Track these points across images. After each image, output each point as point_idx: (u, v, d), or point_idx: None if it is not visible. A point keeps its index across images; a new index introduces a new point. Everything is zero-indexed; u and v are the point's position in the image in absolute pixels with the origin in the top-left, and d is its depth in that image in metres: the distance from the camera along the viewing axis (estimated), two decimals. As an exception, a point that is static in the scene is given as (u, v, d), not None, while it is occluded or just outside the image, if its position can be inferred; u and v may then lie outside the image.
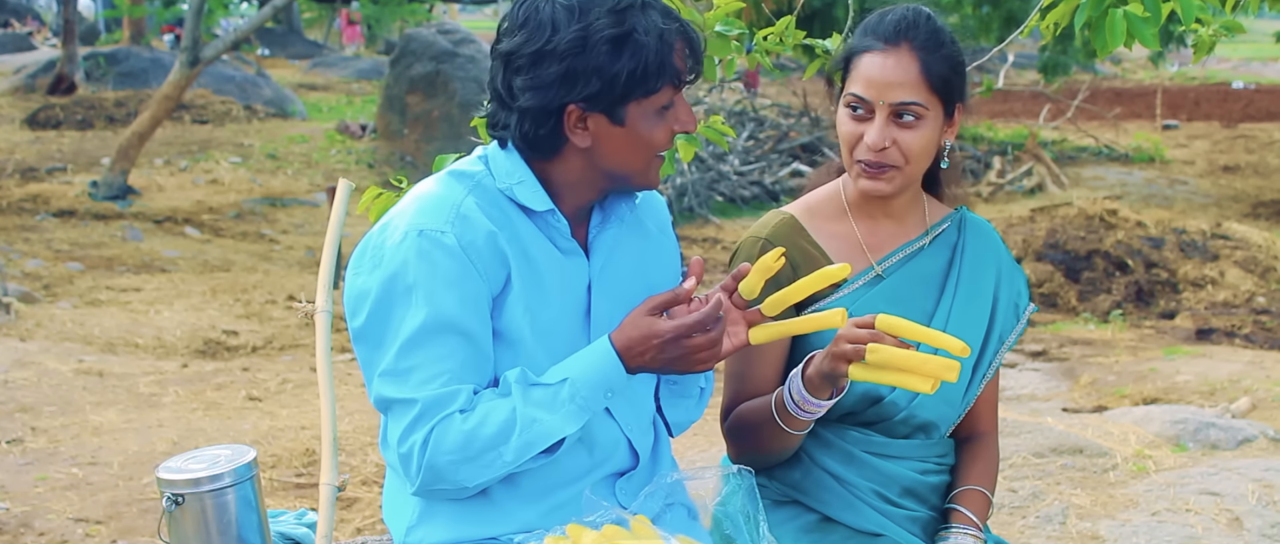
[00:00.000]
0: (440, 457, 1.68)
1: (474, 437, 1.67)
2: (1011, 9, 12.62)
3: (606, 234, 1.86)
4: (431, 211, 1.73)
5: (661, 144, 1.76)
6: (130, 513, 4.07)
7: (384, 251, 1.72)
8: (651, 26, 1.68)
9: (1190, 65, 26.19)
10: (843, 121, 1.97)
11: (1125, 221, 9.58)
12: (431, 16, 26.95)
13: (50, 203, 11.12)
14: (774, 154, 13.99)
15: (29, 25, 29.25)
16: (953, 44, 1.95)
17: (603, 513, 1.73)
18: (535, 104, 1.70)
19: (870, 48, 1.93)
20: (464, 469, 1.69)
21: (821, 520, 2.06)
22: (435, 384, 1.68)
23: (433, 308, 1.68)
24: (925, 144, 1.93)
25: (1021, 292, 2.13)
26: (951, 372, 1.72)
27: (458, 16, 34.49)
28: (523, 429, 1.68)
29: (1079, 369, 6.59)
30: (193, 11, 11.75)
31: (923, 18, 1.94)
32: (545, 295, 1.78)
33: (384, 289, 1.71)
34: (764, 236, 2.03)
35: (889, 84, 1.90)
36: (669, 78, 1.70)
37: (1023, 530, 3.67)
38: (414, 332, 1.69)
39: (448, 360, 1.69)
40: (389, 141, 14.40)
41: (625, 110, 1.70)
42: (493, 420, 1.68)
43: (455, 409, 1.68)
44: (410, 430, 1.69)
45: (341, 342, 6.75)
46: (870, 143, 1.92)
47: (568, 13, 1.66)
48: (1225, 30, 2.34)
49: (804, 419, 1.88)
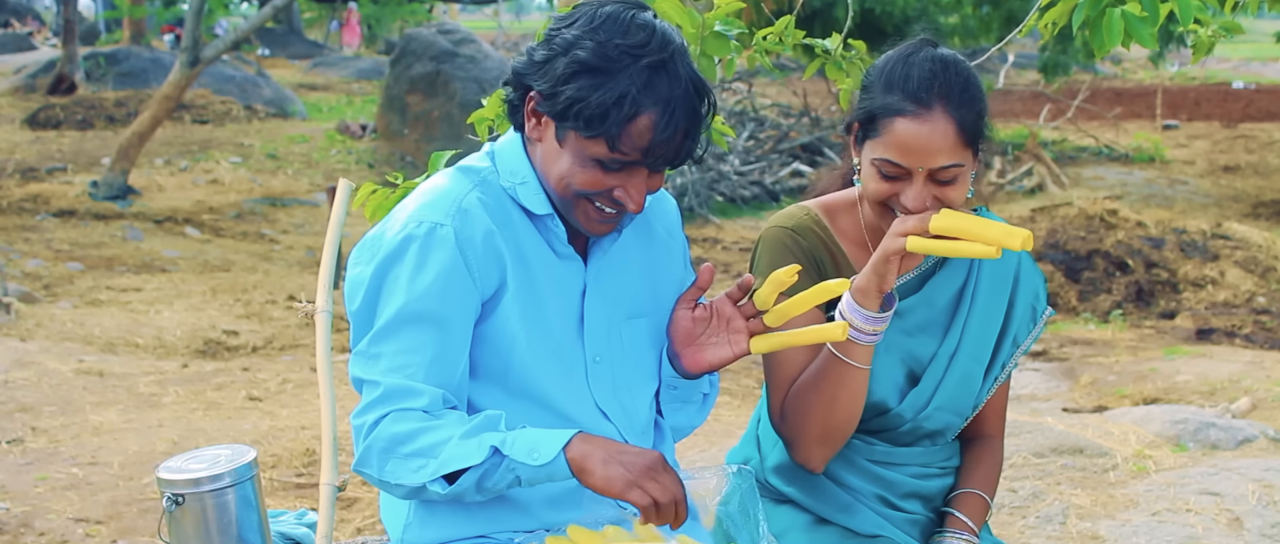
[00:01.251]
0: (378, 441, 1.68)
1: (413, 437, 1.67)
2: (1012, 9, 12.62)
3: (607, 239, 1.85)
4: (433, 204, 1.75)
5: (586, 189, 1.70)
6: (130, 513, 4.06)
7: (381, 242, 1.74)
8: (626, 83, 1.63)
9: (1190, 65, 26.16)
10: (872, 179, 1.87)
11: (1125, 221, 9.58)
12: (431, 16, 26.94)
13: (50, 203, 11.12)
14: (774, 154, 13.98)
15: (29, 25, 29.25)
16: (979, 89, 1.88)
17: (603, 513, 1.73)
18: (517, 69, 1.74)
19: (902, 111, 1.82)
20: (390, 462, 1.68)
21: (819, 521, 2.05)
22: (401, 374, 1.69)
23: (411, 297, 1.69)
24: (964, 192, 1.87)
25: (1040, 295, 2.09)
26: (1015, 238, 1.70)
27: (458, 16, 34.47)
28: (451, 450, 1.64)
29: (1079, 369, 6.59)
30: (193, 12, 11.74)
31: (952, 70, 1.84)
32: (539, 299, 1.77)
33: (376, 275, 1.73)
34: (790, 228, 1.99)
35: (928, 152, 1.81)
36: (603, 135, 1.64)
37: (1023, 530, 3.67)
38: (391, 318, 1.70)
39: (416, 354, 1.70)
40: (389, 141, 14.40)
41: (565, 133, 1.69)
42: (440, 432, 1.66)
43: (417, 407, 1.68)
44: (367, 409, 1.70)
45: (342, 341, 6.74)
46: (912, 207, 1.83)
47: (591, 20, 1.67)
48: (1224, 31, 2.34)
49: (866, 342, 1.82)
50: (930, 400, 1.99)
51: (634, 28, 1.65)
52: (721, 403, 3.34)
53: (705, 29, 2.33)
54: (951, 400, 2.00)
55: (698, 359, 1.82)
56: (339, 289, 2.23)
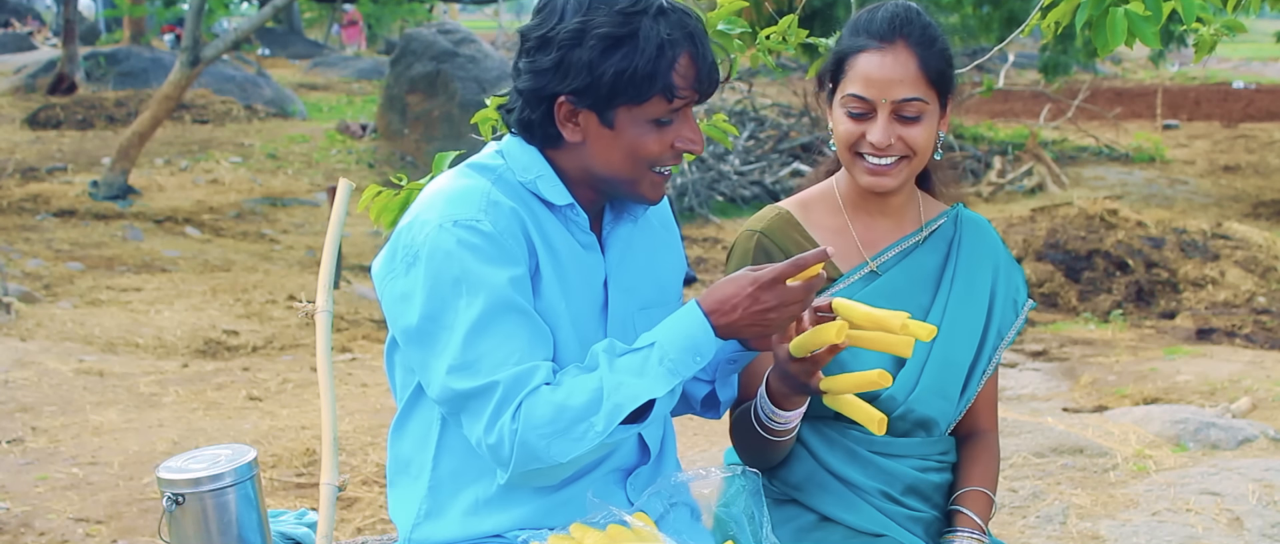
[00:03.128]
0: (532, 432, 1.63)
1: (564, 408, 1.63)
2: (1012, 8, 12.62)
3: (620, 230, 1.86)
4: (462, 202, 1.71)
5: (654, 156, 1.72)
6: (130, 513, 4.07)
7: (417, 248, 1.69)
8: (654, 35, 1.65)
9: (1191, 65, 26.18)
10: (841, 122, 1.97)
11: (1125, 221, 9.58)
12: (432, 16, 26.94)
13: (50, 203, 11.12)
14: (774, 154, 13.99)
15: (29, 25, 29.25)
16: (943, 38, 1.96)
17: (606, 513, 1.73)
18: (530, 87, 1.71)
19: (865, 47, 1.93)
20: (557, 443, 1.64)
21: (822, 520, 2.05)
22: (510, 363, 1.65)
23: (489, 292, 1.66)
24: (929, 137, 1.95)
25: (1020, 288, 2.13)
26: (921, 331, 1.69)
27: (458, 16, 34.47)
28: (610, 393, 1.64)
29: (1079, 369, 6.59)
30: (193, 11, 11.75)
31: (914, 13, 1.95)
32: (568, 286, 1.78)
33: (432, 284, 1.67)
34: (759, 230, 2.05)
35: (890, 82, 1.91)
36: (660, 89, 1.66)
37: (1023, 530, 3.67)
38: (476, 319, 1.65)
39: (515, 339, 1.66)
40: (389, 141, 14.40)
41: (614, 114, 1.69)
42: (582, 390, 1.64)
43: (540, 383, 1.65)
44: (497, 414, 1.65)
45: (342, 341, 6.75)
46: (876, 141, 1.92)
47: (579, 4, 1.66)
48: (1226, 30, 2.34)
49: (781, 428, 1.87)
50: (918, 381, 2.02)
51: None
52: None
53: (708, 28, 2.33)
54: (938, 382, 2.02)
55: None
56: (339, 289, 2.23)
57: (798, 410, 1.85)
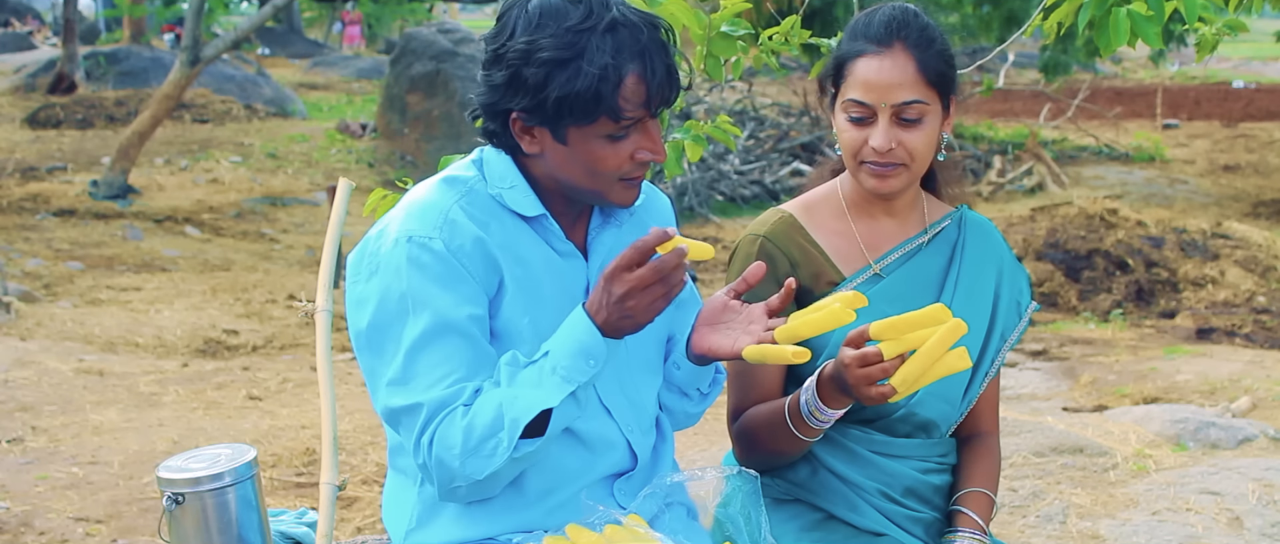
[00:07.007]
0: (446, 453, 1.66)
1: (471, 428, 1.65)
2: (1012, 8, 12.61)
3: (606, 235, 1.85)
4: (420, 218, 1.72)
5: (613, 169, 1.71)
6: (130, 512, 4.06)
7: (379, 258, 1.71)
8: (599, 56, 1.62)
9: (1191, 64, 26.17)
10: (844, 128, 1.96)
11: (1125, 221, 9.58)
12: (431, 16, 26.93)
13: (50, 202, 11.12)
14: (774, 153, 13.98)
15: (29, 24, 29.24)
16: (942, 38, 1.96)
17: (601, 515, 1.72)
18: (485, 102, 1.72)
19: (863, 51, 1.93)
20: (470, 462, 1.65)
21: (823, 520, 2.05)
22: (439, 387, 1.67)
23: (432, 313, 1.67)
24: (930, 140, 1.95)
25: (1023, 290, 2.13)
26: (958, 331, 1.68)
27: (458, 16, 34.45)
28: (508, 408, 1.65)
29: (1079, 368, 6.59)
30: (193, 11, 11.74)
31: (911, 15, 1.94)
32: (541, 298, 1.77)
33: (381, 297, 1.70)
34: (763, 234, 2.04)
35: (889, 85, 1.90)
36: (604, 111, 1.65)
37: (1023, 530, 3.67)
38: (417, 338, 1.67)
39: (451, 361, 1.68)
40: (389, 141, 14.40)
41: (565, 131, 1.68)
42: (486, 408, 1.66)
43: (459, 405, 1.67)
44: (419, 435, 1.67)
45: (341, 341, 6.75)
46: (877, 147, 1.92)
47: (528, 20, 1.65)
48: (1228, 29, 2.33)
49: (817, 427, 1.88)
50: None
51: (569, 6, 1.64)
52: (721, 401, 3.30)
53: (712, 30, 2.33)
54: (940, 385, 2.00)
55: (702, 340, 1.82)
56: (339, 288, 2.23)
57: (841, 409, 1.85)
